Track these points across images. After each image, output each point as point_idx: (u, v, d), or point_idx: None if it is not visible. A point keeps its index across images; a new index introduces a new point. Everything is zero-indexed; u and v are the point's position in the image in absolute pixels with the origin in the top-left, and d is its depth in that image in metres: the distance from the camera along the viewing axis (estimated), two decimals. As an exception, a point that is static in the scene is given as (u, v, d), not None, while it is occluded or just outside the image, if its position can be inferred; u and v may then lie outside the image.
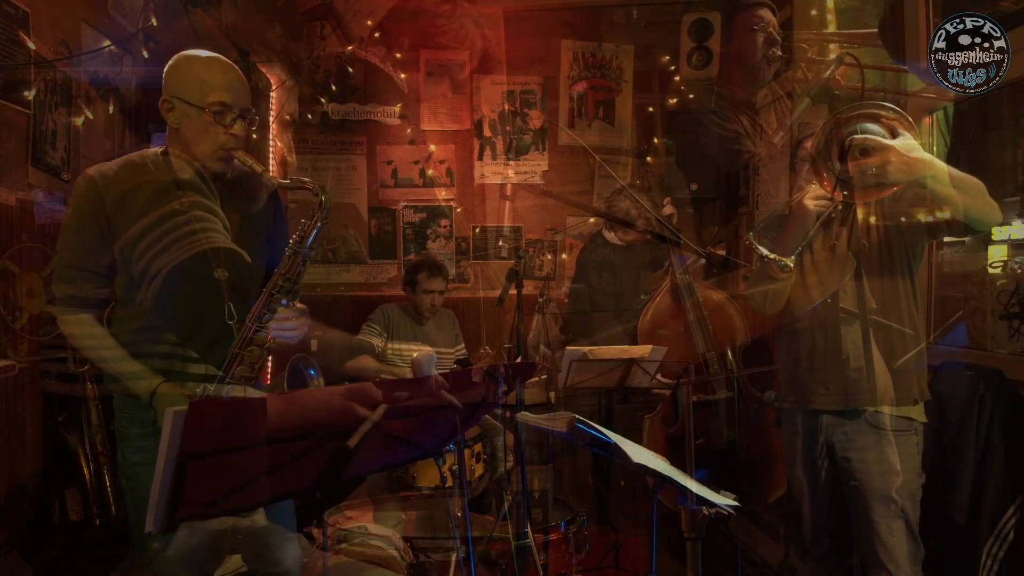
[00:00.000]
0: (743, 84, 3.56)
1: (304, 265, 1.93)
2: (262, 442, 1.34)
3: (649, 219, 3.39)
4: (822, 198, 2.29)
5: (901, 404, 2.30)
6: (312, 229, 1.93)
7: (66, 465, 3.01)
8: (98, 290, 1.92)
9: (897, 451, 2.28)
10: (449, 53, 4.47)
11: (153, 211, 1.90)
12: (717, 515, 1.75)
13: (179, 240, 1.91)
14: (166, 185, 1.93)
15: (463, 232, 4.96)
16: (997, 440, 2.47)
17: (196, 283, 1.92)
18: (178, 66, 1.96)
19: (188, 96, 1.92)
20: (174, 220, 1.91)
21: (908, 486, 2.28)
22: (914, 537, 2.28)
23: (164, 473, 1.21)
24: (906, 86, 3.08)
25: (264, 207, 2.11)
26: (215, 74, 1.94)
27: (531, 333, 3.98)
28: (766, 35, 3.40)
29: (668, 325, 3.53)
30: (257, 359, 1.91)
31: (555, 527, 2.61)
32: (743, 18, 3.47)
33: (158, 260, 1.89)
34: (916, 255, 2.33)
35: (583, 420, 1.77)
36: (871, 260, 2.35)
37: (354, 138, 4.89)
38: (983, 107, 2.82)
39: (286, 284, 1.92)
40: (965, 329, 2.76)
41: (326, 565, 2.09)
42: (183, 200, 1.93)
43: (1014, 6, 2.50)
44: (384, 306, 4.00)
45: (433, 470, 3.20)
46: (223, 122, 1.93)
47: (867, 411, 2.33)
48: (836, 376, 2.36)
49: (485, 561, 2.39)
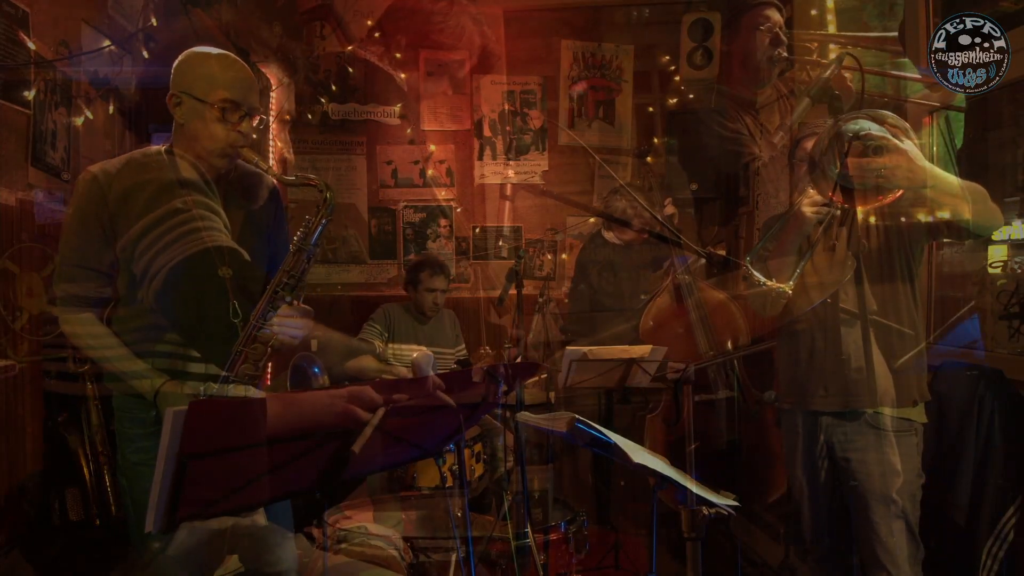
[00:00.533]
0: (745, 84, 3.55)
1: (309, 263, 1.93)
2: (262, 442, 1.34)
3: (646, 218, 3.39)
4: (820, 204, 2.29)
5: (901, 405, 2.30)
6: (317, 226, 1.92)
7: (66, 465, 3.01)
8: (100, 289, 1.92)
9: (897, 451, 2.28)
10: (448, 52, 4.46)
11: (155, 209, 1.90)
12: (717, 515, 1.75)
13: (181, 238, 1.91)
14: (168, 183, 1.93)
15: (463, 232, 4.96)
16: (997, 440, 2.47)
17: (198, 282, 1.92)
18: (188, 62, 1.96)
19: (196, 92, 1.92)
20: (176, 218, 1.91)
21: (908, 487, 2.28)
22: (914, 537, 2.28)
23: (164, 473, 1.21)
24: (906, 91, 3.08)
25: (265, 206, 2.11)
26: (224, 71, 1.94)
27: (531, 333, 3.98)
28: (772, 35, 3.38)
29: (669, 325, 3.53)
30: (261, 357, 1.91)
31: (555, 527, 2.61)
32: (749, 17, 3.45)
33: (159, 258, 1.89)
34: (916, 256, 2.33)
35: (583, 420, 1.77)
36: (871, 261, 2.35)
37: (354, 138, 4.89)
38: (983, 107, 2.82)
39: (290, 281, 1.92)
40: (978, 330, 2.74)
41: (326, 565, 2.09)
42: (186, 199, 1.93)
43: (1014, 6, 2.50)
44: (385, 306, 3.99)
45: (433, 470, 3.20)
46: (230, 119, 1.93)
47: (867, 412, 2.33)
48: (836, 377, 2.36)
49: (485, 561, 2.39)
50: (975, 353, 2.66)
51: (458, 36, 3.95)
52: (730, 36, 3.53)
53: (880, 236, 2.34)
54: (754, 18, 3.44)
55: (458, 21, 3.91)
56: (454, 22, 3.90)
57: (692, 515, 1.78)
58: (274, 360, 2.20)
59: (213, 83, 1.92)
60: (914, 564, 2.27)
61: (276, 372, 3.34)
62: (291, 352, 2.82)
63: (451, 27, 3.89)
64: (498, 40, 4.67)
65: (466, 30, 3.90)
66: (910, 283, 2.33)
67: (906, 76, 3.07)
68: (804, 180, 2.42)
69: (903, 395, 2.30)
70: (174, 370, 1.91)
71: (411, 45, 4.62)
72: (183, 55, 1.98)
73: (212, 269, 1.93)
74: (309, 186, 1.93)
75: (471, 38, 3.95)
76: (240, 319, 1.93)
